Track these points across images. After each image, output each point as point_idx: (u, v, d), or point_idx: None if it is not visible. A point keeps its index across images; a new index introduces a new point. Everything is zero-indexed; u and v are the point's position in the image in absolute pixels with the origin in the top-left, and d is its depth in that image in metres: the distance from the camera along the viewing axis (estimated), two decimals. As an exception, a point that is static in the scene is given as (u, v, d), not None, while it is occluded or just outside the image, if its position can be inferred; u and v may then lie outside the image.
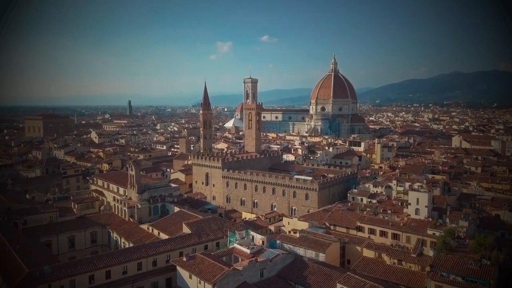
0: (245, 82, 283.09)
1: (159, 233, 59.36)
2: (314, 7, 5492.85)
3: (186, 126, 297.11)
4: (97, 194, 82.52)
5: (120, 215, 70.18)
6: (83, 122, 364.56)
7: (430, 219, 66.42)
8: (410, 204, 69.54)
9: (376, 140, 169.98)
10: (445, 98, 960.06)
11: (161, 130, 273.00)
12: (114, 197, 74.73)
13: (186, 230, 55.54)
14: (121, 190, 76.25)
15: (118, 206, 70.85)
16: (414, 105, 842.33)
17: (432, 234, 62.58)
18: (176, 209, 68.15)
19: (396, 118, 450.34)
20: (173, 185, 79.73)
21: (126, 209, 67.79)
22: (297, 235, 64.59)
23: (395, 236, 66.60)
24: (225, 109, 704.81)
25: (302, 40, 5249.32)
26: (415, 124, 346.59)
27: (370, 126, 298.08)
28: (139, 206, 67.64)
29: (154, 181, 76.38)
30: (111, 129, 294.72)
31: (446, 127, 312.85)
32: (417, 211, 68.57)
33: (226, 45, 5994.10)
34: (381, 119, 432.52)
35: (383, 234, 67.94)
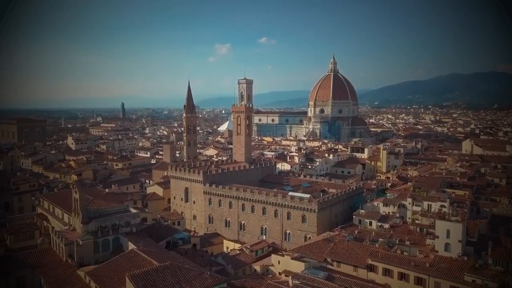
0: (239, 83, 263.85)
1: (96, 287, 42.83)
2: (312, 8, 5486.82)
3: (175, 130, 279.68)
4: (41, 220, 65.87)
5: (58, 252, 53.53)
6: (69, 125, 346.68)
7: (465, 258, 50.32)
8: (438, 237, 53.19)
9: (381, 146, 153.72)
10: (444, 100, 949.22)
11: (149, 134, 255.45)
12: (52, 228, 57.99)
13: (130, 286, 38.99)
14: (66, 217, 59.54)
15: (55, 240, 54.18)
16: (414, 106, 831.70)
17: (472, 282, 46.52)
18: (131, 245, 51.59)
19: (397, 120, 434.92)
20: (133, 210, 62.85)
21: (63, 246, 51.18)
22: (290, 281, 48.74)
23: (419, 281, 50.41)
24: (223, 111, 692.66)
25: (300, 41, 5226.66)
26: (418, 126, 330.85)
27: (371, 129, 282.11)
28: (80, 242, 51.01)
29: (109, 205, 59.45)
30: (97, 133, 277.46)
31: (451, 129, 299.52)
32: (447, 246, 52.21)
33: (225, 47, 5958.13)
34: (381, 121, 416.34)
35: (402, 276, 51.64)
